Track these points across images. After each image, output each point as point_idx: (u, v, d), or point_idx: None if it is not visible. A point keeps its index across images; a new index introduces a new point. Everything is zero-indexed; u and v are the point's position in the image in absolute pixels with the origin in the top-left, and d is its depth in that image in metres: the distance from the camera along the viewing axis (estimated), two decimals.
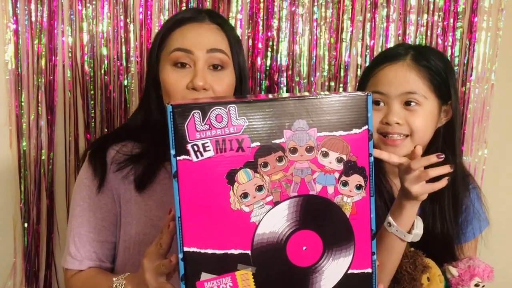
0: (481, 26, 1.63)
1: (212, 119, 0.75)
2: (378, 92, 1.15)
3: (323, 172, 0.78)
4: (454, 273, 1.14)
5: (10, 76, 1.51)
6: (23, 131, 1.53)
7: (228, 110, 0.75)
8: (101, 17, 1.51)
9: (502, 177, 1.70)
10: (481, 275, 1.13)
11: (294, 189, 0.78)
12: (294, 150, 0.77)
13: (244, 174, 0.76)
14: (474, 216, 1.23)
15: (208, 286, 0.78)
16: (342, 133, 0.78)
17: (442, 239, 1.20)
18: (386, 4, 1.60)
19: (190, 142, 0.75)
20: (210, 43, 1.05)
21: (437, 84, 1.14)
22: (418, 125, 1.13)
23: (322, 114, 0.77)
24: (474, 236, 1.24)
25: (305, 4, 1.58)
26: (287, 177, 0.77)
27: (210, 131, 0.75)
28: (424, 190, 1.02)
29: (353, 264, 0.81)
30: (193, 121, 0.74)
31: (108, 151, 1.11)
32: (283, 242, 0.79)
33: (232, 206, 0.76)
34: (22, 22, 1.49)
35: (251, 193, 0.76)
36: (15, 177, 1.55)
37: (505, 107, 1.68)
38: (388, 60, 1.16)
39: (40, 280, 1.59)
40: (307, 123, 0.77)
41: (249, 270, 0.78)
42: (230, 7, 1.55)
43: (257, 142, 0.76)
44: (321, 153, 0.78)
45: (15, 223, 1.57)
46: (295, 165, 0.77)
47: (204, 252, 0.77)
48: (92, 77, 1.53)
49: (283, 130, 0.76)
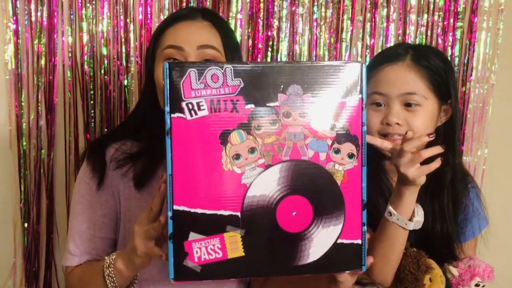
0: (481, 26, 1.63)
1: (208, 79, 0.75)
2: (379, 93, 1.15)
3: (316, 138, 0.78)
4: (454, 273, 1.14)
5: (10, 76, 1.51)
6: (23, 131, 1.53)
7: (224, 71, 0.76)
8: (101, 17, 1.51)
9: (502, 177, 1.70)
10: (482, 275, 1.13)
11: (286, 153, 0.78)
12: (287, 114, 0.77)
13: (237, 135, 0.77)
14: (474, 215, 1.23)
15: (196, 247, 0.77)
16: (336, 101, 0.78)
17: (441, 239, 1.20)
18: (386, 4, 1.59)
19: (185, 100, 0.75)
20: (201, 39, 1.06)
21: (436, 84, 1.15)
22: (418, 126, 1.13)
23: (316, 81, 0.77)
24: (473, 235, 1.24)
25: (305, 4, 1.58)
26: (280, 141, 0.78)
27: (205, 90, 0.76)
28: (420, 172, 1.01)
29: (343, 233, 0.81)
30: (189, 79, 0.75)
31: (107, 149, 1.13)
32: (273, 206, 0.79)
33: (224, 166, 0.77)
34: (22, 22, 1.49)
35: (243, 154, 0.77)
36: (15, 177, 1.55)
37: (505, 107, 1.68)
38: (388, 60, 1.16)
39: (40, 280, 1.59)
40: (301, 88, 0.77)
41: (238, 232, 0.78)
42: (230, 7, 1.55)
43: (251, 104, 0.77)
44: (314, 119, 0.78)
45: (15, 223, 1.57)
46: (288, 129, 0.78)
47: (193, 212, 0.77)
48: (92, 77, 1.53)
49: (277, 93, 0.77)
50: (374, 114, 1.16)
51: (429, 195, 1.20)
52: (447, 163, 1.19)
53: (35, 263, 1.58)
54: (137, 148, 1.12)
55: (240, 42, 1.57)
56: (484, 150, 1.69)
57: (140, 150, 1.11)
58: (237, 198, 0.77)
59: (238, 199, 0.78)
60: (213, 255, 0.78)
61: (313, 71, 0.77)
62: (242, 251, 0.78)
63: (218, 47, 1.08)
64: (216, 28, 1.10)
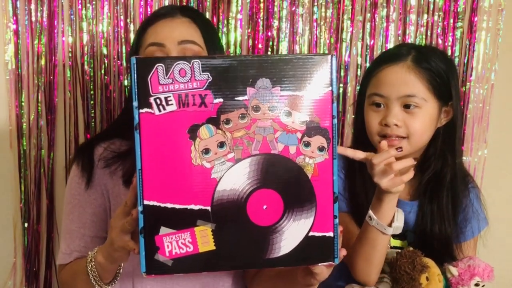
0: (481, 26, 1.63)
1: (175, 73, 0.75)
2: (378, 95, 1.15)
3: (286, 131, 0.78)
4: (454, 273, 1.14)
5: (10, 76, 1.51)
6: (23, 131, 1.53)
7: (192, 65, 0.75)
8: (101, 17, 1.51)
9: (502, 177, 1.70)
10: (481, 274, 1.13)
11: (256, 147, 0.78)
12: (257, 108, 0.77)
13: (206, 129, 0.76)
14: (473, 215, 1.23)
15: (167, 241, 0.77)
16: (306, 94, 0.78)
17: (440, 240, 1.20)
18: (386, 4, 1.60)
19: (153, 95, 0.75)
20: (181, 35, 1.07)
21: (437, 85, 1.14)
22: (416, 128, 1.13)
23: (286, 73, 0.77)
24: (473, 235, 1.24)
25: (305, 4, 1.58)
26: (249, 135, 0.78)
27: (173, 85, 0.75)
28: (393, 183, 1.03)
29: (314, 226, 0.80)
30: (156, 74, 0.75)
31: (95, 148, 1.14)
32: (244, 200, 0.79)
33: (193, 161, 0.76)
34: (22, 22, 1.49)
35: (212, 149, 0.77)
36: (15, 177, 1.55)
37: (505, 107, 1.68)
38: (389, 61, 1.16)
39: (40, 280, 1.59)
40: (270, 82, 0.77)
41: (209, 226, 0.78)
42: (230, 7, 1.55)
43: (220, 98, 0.76)
44: (284, 113, 0.78)
45: (15, 223, 1.57)
46: (258, 123, 0.77)
47: (164, 206, 0.77)
48: (92, 77, 1.53)
49: (246, 87, 0.76)
50: (374, 115, 1.16)
51: (428, 196, 1.20)
52: (446, 164, 1.20)
53: (35, 263, 1.59)
54: (126, 147, 1.13)
55: (240, 42, 1.57)
56: (484, 150, 1.69)
57: (128, 149, 1.12)
58: (207, 192, 0.77)
59: (208, 194, 0.77)
60: (184, 249, 0.78)
61: (282, 64, 0.77)
62: (213, 245, 0.78)
63: (199, 42, 1.09)
64: (196, 24, 1.11)
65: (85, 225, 1.12)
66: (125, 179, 1.10)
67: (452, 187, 1.20)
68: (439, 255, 1.17)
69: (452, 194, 1.21)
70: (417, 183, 1.23)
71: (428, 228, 1.19)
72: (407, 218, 1.21)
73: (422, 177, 1.21)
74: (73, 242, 1.12)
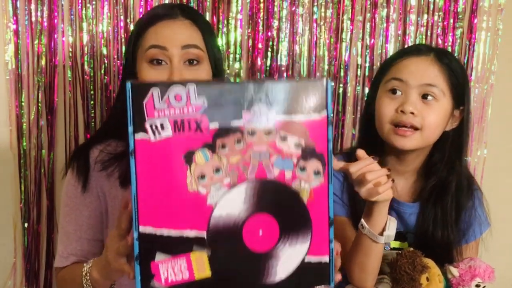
0: (481, 26, 1.63)
1: (171, 98, 0.74)
2: (398, 79, 1.14)
3: (281, 156, 0.78)
4: (455, 273, 1.14)
5: (10, 76, 1.51)
6: (23, 131, 1.53)
7: (187, 90, 0.74)
8: (101, 17, 1.51)
9: (501, 177, 1.70)
10: (482, 275, 1.13)
11: (252, 172, 0.77)
12: (252, 133, 0.77)
13: (202, 155, 0.76)
14: (476, 218, 1.23)
15: (163, 268, 0.77)
16: (301, 118, 0.77)
17: (442, 244, 1.19)
18: (386, 4, 1.60)
19: (148, 120, 0.74)
20: (184, 39, 1.06)
21: (455, 84, 1.14)
22: (430, 120, 1.12)
23: (281, 98, 0.77)
24: (475, 238, 1.24)
25: (305, 4, 1.58)
26: (245, 159, 0.77)
27: (169, 110, 0.74)
28: (369, 193, 1.01)
29: (310, 251, 0.80)
30: (151, 99, 0.74)
31: (91, 150, 1.13)
32: (239, 225, 0.78)
33: (189, 187, 0.76)
34: (22, 22, 1.49)
35: (208, 174, 0.76)
36: (15, 177, 1.55)
37: (505, 107, 1.68)
38: (411, 53, 1.17)
39: (40, 280, 1.59)
40: (266, 107, 0.76)
41: (205, 252, 0.77)
42: (230, 7, 1.55)
43: (215, 123, 0.75)
44: (280, 137, 0.77)
45: (15, 223, 1.57)
46: (253, 147, 0.77)
47: (159, 232, 0.76)
48: (92, 77, 1.53)
49: (242, 112, 0.76)
50: (389, 102, 1.14)
51: (432, 200, 1.19)
52: (453, 170, 1.19)
53: (35, 263, 1.58)
54: (122, 148, 1.13)
55: (240, 42, 1.57)
56: (483, 150, 1.69)
57: (124, 150, 1.12)
58: (203, 218, 0.77)
59: (204, 219, 0.77)
60: (180, 276, 0.77)
61: (278, 89, 0.77)
62: (209, 271, 0.78)
63: (201, 45, 1.08)
64: (198, 26, 1.10)
65: (82, 227, 1.12)
66: (122, 180, 1.10)
67: (457, 193, 1.20)
68: (439, 256, 1.17)
69: (457, 200, 1.20)
70: (421, 187, 1.22)
71: (430, 232, 1.19)
72: (408, 219, 1.21)
73: (427, 181, 1.20)
74: (70, 244, 1.12)
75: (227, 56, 1.57)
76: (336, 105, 1.63)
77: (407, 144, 1.13)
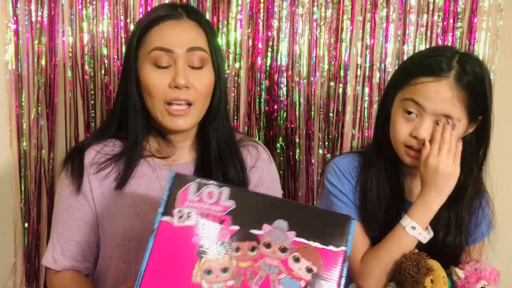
0: (480, 26, 1.63)
1: (204, 194, 0.80)
2: (415, 101, 1.11)
3: (290, 276, 0.78)
4: (460, 275, 1.13)
5: (10, 76, 1.51)
6: (23, 131, 1.53)
7: (220, 191, 0.80)
8: (101, 17, 1.51)
9: (501, 177, 1.70)
10: (488, 278, 1.12)
11: (257, 283, 0.77)
12: (268, 245, 0.78)
13: (215, 251, 0.78)
14: (483, 219, 1.22)
15: None
16: (319, 245, 0.78)
17: (451, 248, 1.19)
18: (385, 5, 1.60)
19: (178, 207, 0.79)
20: (190, 41, 1.06)
21: (472, 105, 1.12)
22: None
23: (304, 221, 0.79)
24: (482, 239, 1.24)
25: (305, 4, 1.58)
26: (254, 268, 0.78)
27: (199, 203, 0.79)
28: None
29: None
30: (187, 190, 0.80)
31: (87, 151, 1.12)
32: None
33: (194, 277, 0.77)
34: (23, 22, 1.49)
35: (215, 271, 0.77)
36: (15, 177, 1.56)
37: (505, 107, 1.68)
38: (432, 73, 1.10)
39: (40, 280, 1.59)
40: (287, 224, 0.79)
41: None
42: (230, 7, 1.55)
43: (236, 226, 0.78)
44: (293, 257, 0.78)
45: (15, 223, 1.58)
46: (265, 259, 0.78)
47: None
48: (92, 77, 1.53)
49: (263, 223, 0.78)
50: (404, 123, 1.13)
51: (447, 204, 1.16)
52: (471, 175, 1.18)
53: (35, 263, 1.59)
54: (119, 147, 1.12)
55: (240, 42, 1.57)
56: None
57: (122, 150, 1.11)
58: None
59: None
60: None
61: (304, 212, 0.79)
62: None
63: (205, 47, 1.08)
64: (202, 28, 1.09)
65: (71, 229, 1.11)
66: (118, 182, 1.09)
67: (472, 198, 1.20)
68: (446, 258, 1.17)
69: (470, 204, 1.20)
70: None
71: (441, 236, 1.18)
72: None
73: None
74: (59, 245, 1.12)
75: (227, 56, 1.57)
76: (336, 105, 1.63)
77: (417, 163, 1.12)
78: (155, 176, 1.11)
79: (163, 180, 1.10)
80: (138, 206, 1.08)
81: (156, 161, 1.12)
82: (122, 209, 1.09)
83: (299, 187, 1.67)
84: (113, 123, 1.14)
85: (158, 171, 1.11)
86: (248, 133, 1.62)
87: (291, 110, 1.62)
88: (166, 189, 0.79)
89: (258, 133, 1.63)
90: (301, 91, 1.62)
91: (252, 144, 1.20)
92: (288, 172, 1.65)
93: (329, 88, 1.62)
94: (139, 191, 1.10)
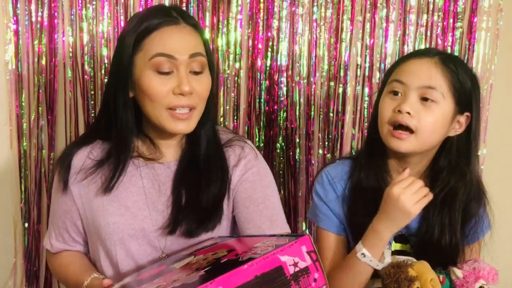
0: (480, 26, 1.63)
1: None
2: (398, 81, 1.13)
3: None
4: (458, 275, 1.13)
5: (10, 76, 1.51)
6: (24, 131, 1.54)
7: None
8: (101, 17, 1.51)
9: (501, 177, 1.70)
10: (486, 277, 1.12)
11: None
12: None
13: None
14: (480, 220, 1.22)
15: None
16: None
17: (447, 248, 1.18)
18: (385, 5, 1.60)
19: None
20: (191, 47, 1.06)
21: (458, 89, 1.13)
22: (427, 123, 1.11)
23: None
24: (478, 239, 1.24)
25: (305, 4, 1.58)
26: None
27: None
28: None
29: None
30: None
31: (76, 153, 1.14)
32: None
33: None
34: (23, 22, 1.49)
35: None
36: (15, 177, 1.56)
37: (505, 107, 1.68)
38: (416, 55, 1.16)
39: (40, 280, 1.60)
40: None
41: None
42: (230, 7, 1.55)
43: None
44: None
45: (15, 223, 1.58)
46: None
47: None
48: (92, 77, 1.54)
49: None
50: (389, 102, 1.15)
51: (438, 206, 1.18)
52: (463, 178, 1.18)
53: (35, 263, 1.59)
54: (107, 150, 1.13)
55: (240, 42, 1.57)
56: (483, 150, 1.69)
57: (109, 152, 1.12)
58: None
59: None
60: None
61: None
62: None
63: (203, 52, 1.09)
64: (199, 32, 1.10)
65: (60, 219, 1.17)
66: (105, 186, 1.10)
67: (467, 201, 1.20)
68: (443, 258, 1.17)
69: (465, 207, 1.19)
70: None
71: (436, 237, 1.18)
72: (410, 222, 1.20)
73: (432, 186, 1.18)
74: (53, 229, 1.20)
75: (227, 56, 1.57)
76: (336, 105, 1.63)
77: (402, 146, 1.12)
78: (138, 174, 1.12)
79: (145, 178, 1.12)
80: (123, 204, 1.11)
81: (140, 159, 1.13)
82: (101, 211, 1.11)
83: (299, 187, 1.67)
84: (100, 126, 1.14)
85: (141, 169, 1.13)
86: (248, 133, 1.62)
87: (291, 110, 1.62)
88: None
89: (258, 133, 1.63)
90: (301, 91, 1.62)
91: (239, 143, 1.19)
92: (288, 172, 1.65)
93: (329, 88, 1.62)
94: (130, 188, 1.12)
